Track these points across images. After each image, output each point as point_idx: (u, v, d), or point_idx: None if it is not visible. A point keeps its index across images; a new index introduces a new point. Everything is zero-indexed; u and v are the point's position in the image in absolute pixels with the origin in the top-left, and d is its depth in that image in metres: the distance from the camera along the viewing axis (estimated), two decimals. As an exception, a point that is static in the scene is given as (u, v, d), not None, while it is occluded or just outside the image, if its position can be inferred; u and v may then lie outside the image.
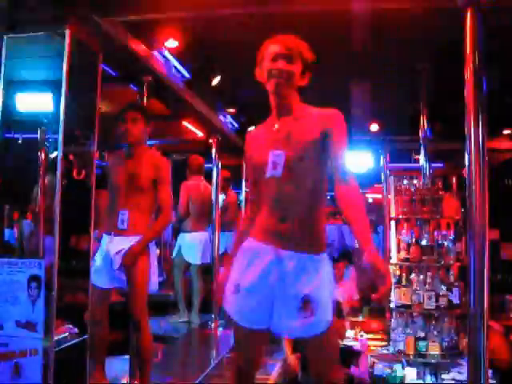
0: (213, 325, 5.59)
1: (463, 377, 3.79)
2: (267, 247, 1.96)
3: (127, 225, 3.13)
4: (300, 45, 2.01)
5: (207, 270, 5.79)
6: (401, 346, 4.05)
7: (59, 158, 2.74)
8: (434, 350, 3.91)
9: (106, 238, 3.21)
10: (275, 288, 1.93)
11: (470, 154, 2.74)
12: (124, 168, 3.22)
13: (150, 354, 3.20)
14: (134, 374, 3.48)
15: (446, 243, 4.12)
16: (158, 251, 5.99)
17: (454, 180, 8.07)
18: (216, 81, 4.84)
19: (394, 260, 4.28)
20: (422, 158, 5.20)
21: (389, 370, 4.01)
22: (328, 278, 1.96)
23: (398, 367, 4.00)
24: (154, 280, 3.18)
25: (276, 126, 2.02)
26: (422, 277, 4.08)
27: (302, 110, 2.01)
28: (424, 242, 4.10)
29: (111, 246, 3.13)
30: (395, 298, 4.23)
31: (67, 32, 2.68)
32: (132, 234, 3.10)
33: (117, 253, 3.09)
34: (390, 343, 4.28)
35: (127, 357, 3.62)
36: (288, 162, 1.94)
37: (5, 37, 2.80)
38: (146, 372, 3.19)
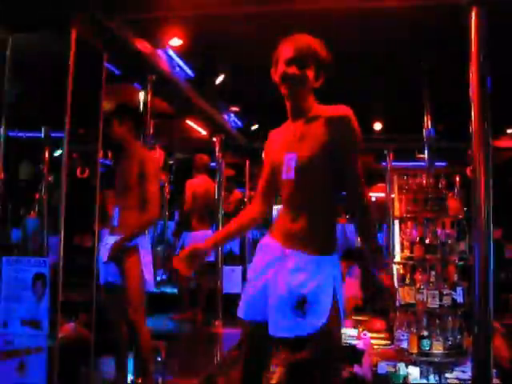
0: (216, 323, 5.59)
1: (467, 376, 3.78)
2: (276, 244, 2.00)
3: (117, 223, 3.18)
4: (315, 46, 1.98)
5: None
6: (404, 345, 4.05)
7: (64, 157, 2.73)
8: (438, 348, 3.89)
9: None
10: (271, 281, 1.94)
11: (474, 153, 2.74)
12: (119, 168, 3.29)
13: (149, 353, 3.19)
14: (137, 373, 3.48)
15: (449, 242, 4.11)
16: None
17: (458, 179, 8.07)
18: (219, 79, 4.84)
19: (397, 259, 4.27)
20: (425, 156, 5.20)
21: (392, 369, 4.01)
22: (329, 282, 1.90)
23: (401, 366, 3.99)
24: (150, 279, 3.17)
25: (291, 128, 2.04)
26: (425, 275, 4.07)
27: (316, 111, 2.01)
28: (427, 241, 4.08)
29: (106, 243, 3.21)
30: (399, 296, 4.22)
31: (72, 31, 2.68)
32: (121, 232, 3.14)
33: (103, 246, 3.17)
34: (394, 342, 4.27)
35: (131, 356, 3.62)
36: (298, 164, 1.96)
37: (10, 36, 2.81)
38: (148, 371, 3.19)
